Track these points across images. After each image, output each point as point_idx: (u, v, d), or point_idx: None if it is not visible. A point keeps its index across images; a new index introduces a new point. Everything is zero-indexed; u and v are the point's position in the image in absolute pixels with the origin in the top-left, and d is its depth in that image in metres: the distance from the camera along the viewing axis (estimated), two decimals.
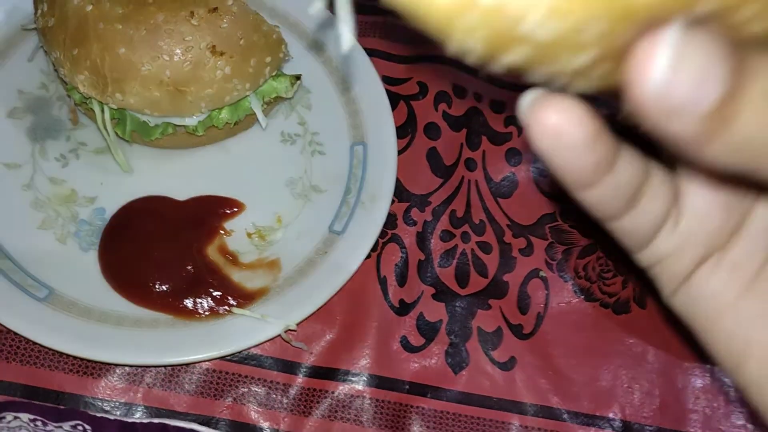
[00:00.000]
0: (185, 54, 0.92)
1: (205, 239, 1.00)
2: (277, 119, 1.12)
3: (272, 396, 0.93)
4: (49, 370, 0.89)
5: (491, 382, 0.99)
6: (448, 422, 0.96)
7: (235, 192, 1.05)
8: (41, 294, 0.92)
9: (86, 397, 0.89)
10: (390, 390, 0.96)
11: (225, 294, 0.96)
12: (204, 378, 0.93)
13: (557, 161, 0.35)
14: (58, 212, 0.99)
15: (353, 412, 0.94)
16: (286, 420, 0.92)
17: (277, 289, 0.97)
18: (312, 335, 0.97)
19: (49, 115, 1.06)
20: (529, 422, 0.97)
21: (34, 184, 1.00)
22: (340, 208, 1.04)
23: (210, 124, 1.02)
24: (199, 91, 0.94)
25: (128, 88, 0.92)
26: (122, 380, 0.91)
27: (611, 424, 0.99)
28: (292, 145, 1.11)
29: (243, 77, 0.97)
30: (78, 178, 1.02)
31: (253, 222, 1.03)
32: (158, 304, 0.94)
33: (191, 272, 0.97)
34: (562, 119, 0.33)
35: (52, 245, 0.97)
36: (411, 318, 1.01)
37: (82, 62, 0.91)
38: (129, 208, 1.01)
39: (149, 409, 0.90)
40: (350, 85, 1.12)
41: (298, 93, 1.13)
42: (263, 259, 1.00)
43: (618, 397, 1.00)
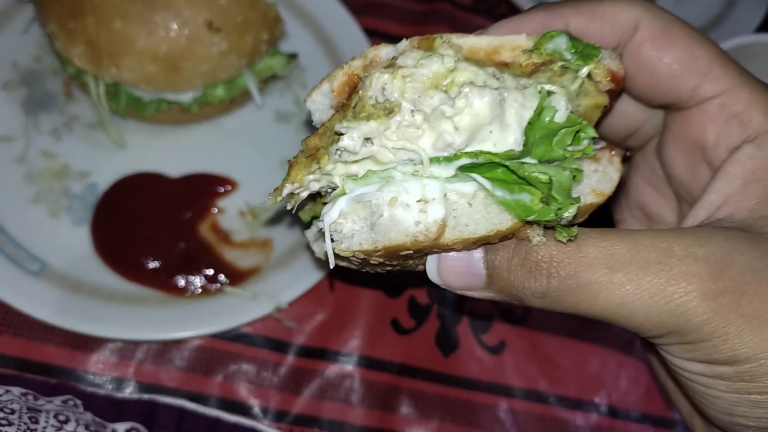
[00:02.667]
0: (181, 29, 0.91)
1: (197, 217, 1.00)
2: (272, 97, 1.12)
3: (262, 374, 0.94)
4: (40, 342, 0.89)
5: (480, 366, 1.00)
6: (436, 404, 0.96)
7: (229, 170, 1.05)
8: (33, 267, 0.92)
9: (77, 371, 0.89)
10: (380, 371, 0.97)
11: (217, 272, 0.96)
12: (195, 355, 0.93)
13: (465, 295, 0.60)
14: (51, 186, 0.99)
15: (343, 391, 0.95)
16: (275, 398, 0.93)
17: (268, 269, 0.97)
18: (303, 315, 0.97)
19: (43, 89, 1.05)
20: (516, 405, 0.98)
21: (27, 158, 1.00)
22: None
23: (205, 100, 1.01)
24: (195, 67, 0.94)
25: (123, 62, 0.91)
26: (113, 355, 0.91)
27: (597, 409, 1.00)
28: (287, 124, 1.10)
29: (239, 54, 0.96)
30: (71, 152, 1.02)
31: (245, 201, 1.03)
32: (150, 280, 0.94)
33: (183, 250, 0.97)
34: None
35: (44, 219, 0.96)
36: (402, 300, 1.02)
37: (77, 35, 0.91)
38: (122, 184, 1.01)
39: (140, 384, 0.90)
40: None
41: (294, 71, 1.12)
42: (255, 238, 1.00)
43: (605, 382, 1.01)
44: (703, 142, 0.58)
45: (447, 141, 0.52)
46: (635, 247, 0.50)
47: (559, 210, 0.51)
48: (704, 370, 0.52)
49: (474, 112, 0.52)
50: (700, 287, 0.48)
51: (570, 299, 0.51)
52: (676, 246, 0.50)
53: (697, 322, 0.48)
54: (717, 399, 0.53)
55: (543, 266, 0.51)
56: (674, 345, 0.52)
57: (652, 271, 0.49)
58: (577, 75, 0.56)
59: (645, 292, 0.49)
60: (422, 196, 0.52)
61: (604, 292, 0.50)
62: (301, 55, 1.10)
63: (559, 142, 0.53)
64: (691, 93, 0.57)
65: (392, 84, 0.53)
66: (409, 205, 0.52)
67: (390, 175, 0.53)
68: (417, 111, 0.53)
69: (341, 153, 0.54)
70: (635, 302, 0.49)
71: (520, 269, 0.52)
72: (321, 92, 0.59)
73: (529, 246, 0.52)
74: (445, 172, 0.53)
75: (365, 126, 0.53)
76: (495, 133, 0.53)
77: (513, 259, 0.52)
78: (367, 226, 0.53)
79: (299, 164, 0.57)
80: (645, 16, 0.57)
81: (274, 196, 0.58)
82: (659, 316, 0.49)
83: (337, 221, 0.54)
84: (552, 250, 0.51)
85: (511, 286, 0.53)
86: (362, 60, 0.58)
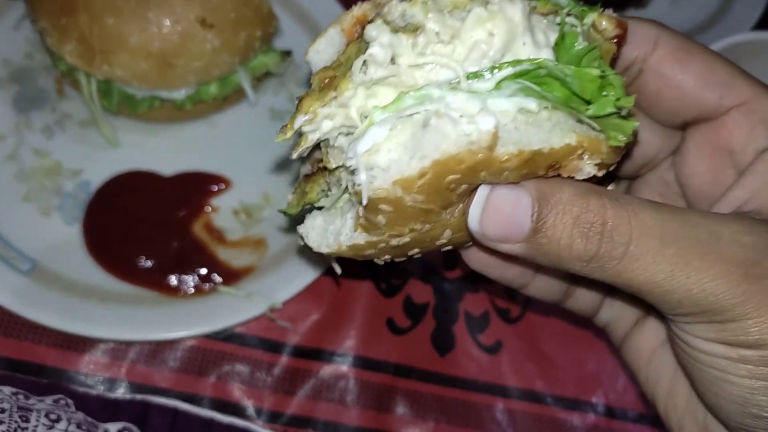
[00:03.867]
0: (174, 26, 0.90)
1: (191, 216, 0.99)
2: (266, 95, 1.11)
3: (256, 375, 0.93)
4: (32, 343, 0.88)
5: (477, 365, 0.99)
6: (432, 404, 0.96)
7: (223, 169, 1.04)
8: (24, 267, 0.91)
9: (69, 372, 0.89)
10: (375, 371, 0.96)
11: (210, 271, 0.95)
12: (188, 355, 0.92)
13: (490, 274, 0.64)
14: (43, 184, 0.98)
15: (338, 392, 0.94)
16: (270, 399, 0.92)
17: (262, 268, 0.96)
18: (297, 315, 0.97)
19: (34, 86, 1.04)
20: (513, 405, 0.98)
21: (18, 156, 0.99)
22: None
23: (198, 98, 1.00)
24: (188, 64, 0.93)
25: (116, 59, 0.91)
26: (105, 355, 0.90)
27: (594, 409, 0.99)
28: (281, 122, 1.07)
29: (232, 51, 0.95)
30: (63, 150, 1.01)
31: (239, 199, 1.02)
32: (143, 280, 0.93)
33: (176, 249, 0.96)
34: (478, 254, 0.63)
35: (35, 218, 0.96)
36: (398, 300, 1.01)
37: (69, 32, 0.90)
38: (114, 183, 1.00)
39: (132, 384, 0.89)
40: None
41: (289, 69, 1.12)
42: (249, 237, 0.99)
43: (602, 382, 1.00)
44: (731, 147, 0.60)
45: (482, 50, 0.49)
46: (687, 224, 0.51)
47: (619, 101, 0.49)
48: (727, 352, 0.52)
49: (508, 17, 0.48)
50: (743, 270, 0.50)
51: (616, 267, 0.51)
52: (725, 230, 0.51)
53: (734, 302, 0.50)
54: (732, 386, 0.53)
55: (597, 228, 0.50)
56: (701, 324, 0.53)
57: (702, 251, 0.50)
58: (583, 22, 0.54)
59: (692, 269, 0.50)
60: (464, 111, 0.48)
61: (653, 264, 0.50)
62: (296, 53, 1.10)
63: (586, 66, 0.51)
64: (718, 103, 0.59)
65: (413, 8, 0.49)
66: (454, 119, 0.47)
67: (426, 93, 0.49)
68: (444, 27, 0.49)
69: (366, 68, 0.49)
70: (680, 278, 0.50)
71: (572, 228, 0.50)
72: (327, 39, 0.55)
73: (584, 205, 0.50)
74: (485, 86, 0.49)
75: (394, 37, 0.49)
76: (528, 47, 0.50)
77: (565, 216, 0.51)
78: (408, 152, 0.48)
79: (311, 96, 0.53)
80: (663, 34, 0.59)
81: (283, 132, 0.54)
82: (699, 294, 0.50)
83: (370, 153, 0.48)
84: (608, 213, 0.50)
85: (557, 244, 0.51)
86: (372, 3, 0.54)
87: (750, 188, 0.58)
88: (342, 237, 0.56)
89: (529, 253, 0.53)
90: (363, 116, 0.50)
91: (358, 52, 0.51)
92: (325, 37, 0.55)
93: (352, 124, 0.51)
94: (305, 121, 0.53)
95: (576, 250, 0.51)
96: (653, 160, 0.68)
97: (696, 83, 0.59)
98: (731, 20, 1.31)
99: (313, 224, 0.60)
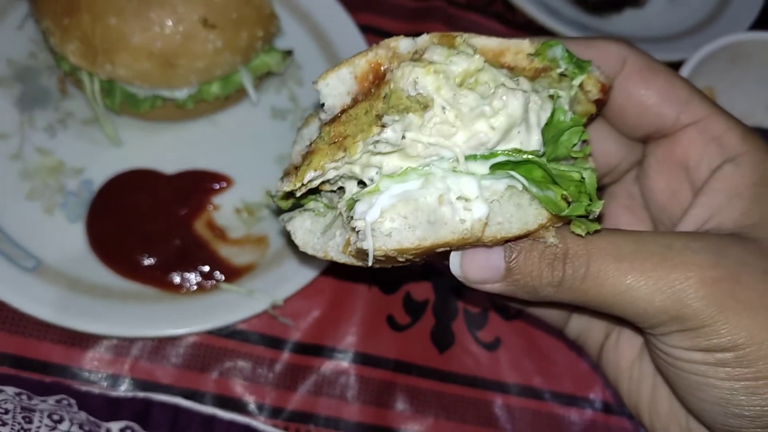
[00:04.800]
0: (176, 26, 0.91)
1: (193, 214, 1.00)
2: (267, 94, 1.11)
3: (258, 371, 0.94)
4: (36, 340, 0.89)
5: (476, 362, 1.00)
6: (432, 400, 0.96)
7: (224, 167, 1.04)
8: (29, 264, 0.91)
9: (73, 368, 0.89)
10: (375, 367, 0.97)
11: (212, 269, 0.96)
12: (190, 352, 0.93)
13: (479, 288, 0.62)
14: (46, 183, 0.98)
15: (338, 388, 0.95)
16: (271, 395, 0.93)
17: (264, 265, 0.97)
18: (299, 312, 0.97)
19: (37, 85, 1.05)
20: (511, 401, 0.98)
21: (22, 154, 1.00)
22: None
23: (200, 97, 1.01)
24: (190, 64, 0.93)
25: (118, 58, 0.91)
26: (109, 352, 0.91)
27: (592, 405, 1.00)
28: (282, 121, 1.10)
29: (234, 51, 0.96)
30: (66, 149, 1.01)
31: (241, 197, 1.03)
32: (145, 277, 0.94)
33: (179, 246, 0.97)
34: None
35: (39, 216, 0.96)
36: (398, 296, 1.02)
37: (72, 31, 0.90)
38: (117, 181, 1.00)
39: (135, 381, 0.90)
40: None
41: (290, 68, 1.12)
42: (251, 235, 1.00)
43: (599, 379, 1.01)
44: (686, 162, 0.65)
45: (481, 140, 0.54)
46: (639, 242, 0.56)
47: (590, 206, 0.54)
48: (705, 358, 0.55)
49: (509, 113, 0.53)
50: (698, 274, 0.53)
51: (581, 287, 0.56)
52: (675, 242, 0.55)
53: (697, 307, 0.53)
54: (713, 389, 0.55)
55: (560, 257, 0.56)
56: (675, 333, 0.56)
57: (654, 261, 0.54)
58: (572, 83, 0.59)
59: (648, 278, 0.54)
60: (462, 193, 0.54)
61: (611, 279, 0.55)
62: (297, 52, 1.10)
63: (565, 142, 0.57)
64: (675, 119, 0.64)
65: (425, 78, 0.53)
66: (452, 202, 0.54)
67: (430, 171, 0.54)
68: (451, 108, 0.53)
69: (377, 144, 0.54)
70: (639, 289, 0.54)
71: (539, 261, 0.57)
72: (339, 77, 0.58)
73: (541, 246, 0.57)
74: (480, 169, 0.55)
75: (407, 119, 0.53)
76: (522, 134, 0.55)
77: (532, 252, 0.57)
78: (409, 227, 0.53)
79: (321, 151, 0.57)
80: (631, 54, 0.64)
81: (292, 181, 0.58)
82: (662, 302, 0.54)
83: (377, 220, 0.53)
84: (567, 243, 0.56)
85: (529, 277, 0.57)
86: (386, 50, 0.57)
87: (709, 206, 0.62)
88: (330, 250, 0.61)
89: (509, 289, 0.59)
90: (364, 167, 0.56)
91: (370, 122, 0.55)
92: (336, 74, 0.58)
93: (354, 174, 0.57)
94: (315, 176, 0.57)
95: (545, 278, 0.57)
96: (617, 169, 0.73)
97: (657, 100, 0.64)
98: (728, 20, 1.31)
99: (302, 224, 0.64)
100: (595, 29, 1.30)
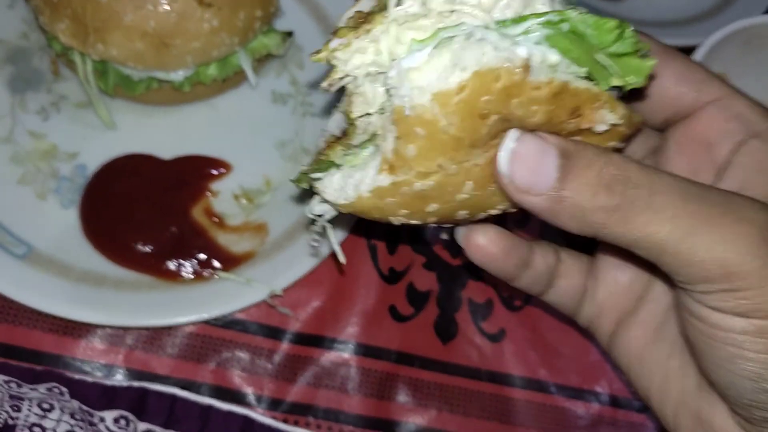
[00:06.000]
0: (171, 4, 0.88)
1: (190, 200, 0.98)
2: (267, 78, 1.09)
3: (256, 362, 0.92)
4: (27, 328, 0.87)
5: (480, 354, 0.98)
6: (434, 392, 0.95)
7: (223, 152, 1.02)
8: (19, 251, 0.89)
9: (65, 357, 0.87)
10: (377, 359, 0.95)
11: (210, 257, 0.94)
12: (187, 342, 0.91)
13: (488, 267, 0.64)
14: (39, 167, 0.96)
15: (339, 379, 0.93)
16: (270, 386, 0.91)
17: (263, 254, 0.95)
18: (298, 301, 0.95)
19: (29, 66, 1.02)
20: (516, 394, 0.96)
21: (13, 138, 0.97)
22: None
23: (197, 80, 0.98)
24: (185, 44, 0.91)
25: (110, 38, 0.88)
26: (103, 341, 0.89)
27: (598, 398, 0.98)
28: (283, 105, 1.07)
29: (231, 31, 0.93)
30: (59, 132, 0.99)
31: (240, 184, 1.00)
32: (141, 265, 0.92)
33: (175, 233, 0.95)
34: (484, 240, 0.63)
35: (31, 201, 0.94)
36: (400, 287, 1.00)
37: (62, 10, 0.88)
38: (111, 166, 0.98)
39: (130, 371, 0.88)
40: None
41: (290, 51, 1.09)
42: (250, 223, 0.98)
43: (606, 371, 0.99)
44: (708, 140, 0.63)
45: (506, 1, 0.51)
46: (704, 187, 0.53)
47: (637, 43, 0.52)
48: (744, 326, 0.52)
49: None
50: (761, 233, 0.50)
51: (638, 218, 0.51)
52: (735, 197, 0.53)
53: (752, 266, 0.50)
54: (748, 362, 0.53)
55: (620, 179, 0.51)
56: (719, 293, 0.52)
57: (722, 210, 0.51)
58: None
59: (714, 226, 0.50)
60: (499, 45, 0.50)
61: (675, 217, 0.51)
62: (297, 34, 1.08)
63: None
64: (695, 98, 0.63)
65: None
66: (492, 42, 0.49)
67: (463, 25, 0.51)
68: None
69: (401, 2, 0.51)
70: (702, 235, 0.50)
71: (596, 179, 0.51)
72: None
73: (607, 160, 0.52)
74: (514, 31, 0.51)
75: None
76: (546, 6, 0.53)
77: (588, 169, 0.52)
78: (448, 69, 0.49)
79: (345, 28, 0.55)
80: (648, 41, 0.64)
81: (317, 53, 0.55)
82: (722, 254, 0.50)
83: (412, 71, 0.49)
84: (630, 167, 0.52)
85: (581, 195, 0.52)
86: None
87: (737, 180, 0.60)
88: (363, 185, 0.56)
89: (552, 207, 0.53)
90: (392, 59, 0.52)
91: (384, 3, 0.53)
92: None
93: (382, 65, 0.53)
94: (339, 45, 0.54)
95: (600, 200, 0.51)
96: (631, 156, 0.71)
97: (675, 80, 0.64)
98: (743, 4, 1.28)
99: (330, 181, 0.60)
100: (606, 13, 1.27)
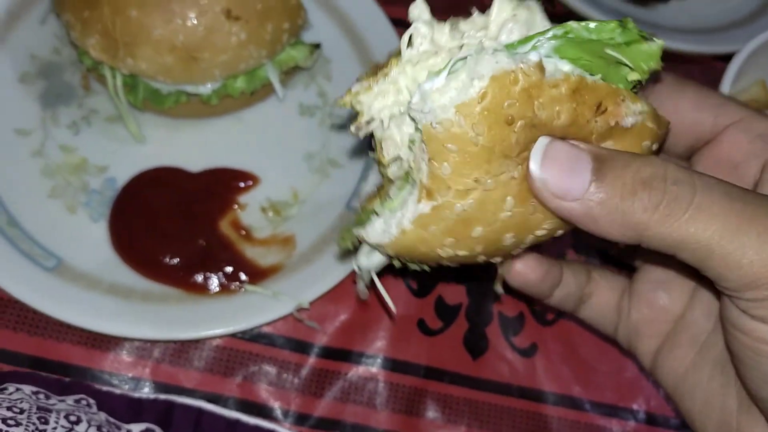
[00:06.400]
0: (199, 18, 0.88)
1: (218, 213, 0.97)
2: (295, 90, 1.08)
3: (283, 376, 0.91)
4: (56, 341, 0.88)
5: (511, 369, 0.96)
6: (464, 408, 0.93)
7: (250, 165, 1.02)
8: (49, 264, 0.90)
9: (93, 370, 0.87)
10: (405, 373, 0.93)
11: (237, 270, 0.93)
12: (214, 355, 0.90)
13: (524, 290, 0.68)
14: (69, 181, 0.97)
15: (366, 394, 0.92)
16: (297, 400, 0.90)
17: (290, 267, 0.94)
18: (325, 315, 0.94)
19: (61, 81, 1.03)
20: (548, 411, 0.94)
21: (44, 151, 0.98)
22: (358, 185, 1.01)
23: (225, 93, 0.98)
24: (213, 58, 0.91)
25: (140, 52, 0.89)
26: (130, 354, 0.89)
27: (635, 416, 0.95)
28: (310, 118, 1.07)
29: (259, 44, 0.93)
30: (89, 146, 1.00)
31: (267, 196, 1.00)
32: (168, 278, 0.92)
33: (203, 246, 0.94)
34: (522, 266, 0.67)
35: (61, 214, 0.94)
36: (429, 300, 0.98)
37: (93, 25, 0.89)
38: (140, 179, 0.98)
39: (157, 384, 0.88)
40: (373, 55, 1.08)
41: (318, 63, 1.09)
42: (277, 235, 0.97)
43: (643, 388, 0.96)
44: (733, 161, 0.62)
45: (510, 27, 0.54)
46: (746, 190, 0.51)
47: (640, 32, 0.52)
48: None
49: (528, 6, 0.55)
50: None
51: (683, 217, 0.48)
52: None
53: None
54: None
55: (659, 176, 0.49)
56: (766, 301, 0.50)
57: (765, 211, 0.49)
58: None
59: (762, 226, 0.48)
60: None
61: (720, 216, 0.48)
62: (325, 46, 1.07)
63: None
64: (713, 122, 0.63)
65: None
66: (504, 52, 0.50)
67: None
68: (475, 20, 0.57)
69: (412, 44, 0.55)
70: (750, 236, 0.48)
71: (633, 179, 0.50)
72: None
73: (644, 160, 0.51)
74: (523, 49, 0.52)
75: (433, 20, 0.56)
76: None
77: (624, 170, 0.50)
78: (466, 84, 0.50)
79: (364, 75, 0.58)
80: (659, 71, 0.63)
81: (342, 98, 0.58)
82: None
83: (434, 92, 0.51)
84: (668, 168, 0.50)
85: (619, 196, 0.50)
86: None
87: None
88: (405, 219, 0.57)
89: (589, 212, 0.51)
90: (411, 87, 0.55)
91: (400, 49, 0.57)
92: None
93: (404, 104, 0.55)
94: (361, 88, 0.56)
95: (640, 198, 0.49)
96: None
97: (692, 107, 0.64)
98: None
99: (373, 227, 0.61)
100: (639, 20, 1.24)
